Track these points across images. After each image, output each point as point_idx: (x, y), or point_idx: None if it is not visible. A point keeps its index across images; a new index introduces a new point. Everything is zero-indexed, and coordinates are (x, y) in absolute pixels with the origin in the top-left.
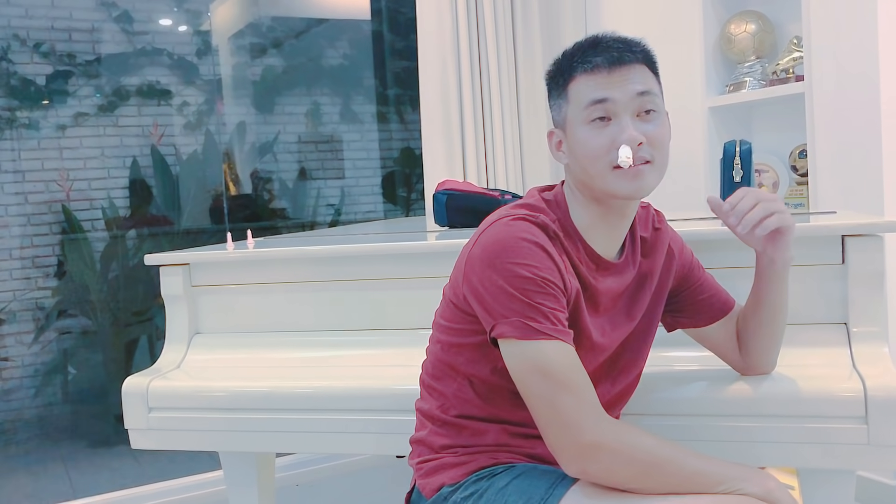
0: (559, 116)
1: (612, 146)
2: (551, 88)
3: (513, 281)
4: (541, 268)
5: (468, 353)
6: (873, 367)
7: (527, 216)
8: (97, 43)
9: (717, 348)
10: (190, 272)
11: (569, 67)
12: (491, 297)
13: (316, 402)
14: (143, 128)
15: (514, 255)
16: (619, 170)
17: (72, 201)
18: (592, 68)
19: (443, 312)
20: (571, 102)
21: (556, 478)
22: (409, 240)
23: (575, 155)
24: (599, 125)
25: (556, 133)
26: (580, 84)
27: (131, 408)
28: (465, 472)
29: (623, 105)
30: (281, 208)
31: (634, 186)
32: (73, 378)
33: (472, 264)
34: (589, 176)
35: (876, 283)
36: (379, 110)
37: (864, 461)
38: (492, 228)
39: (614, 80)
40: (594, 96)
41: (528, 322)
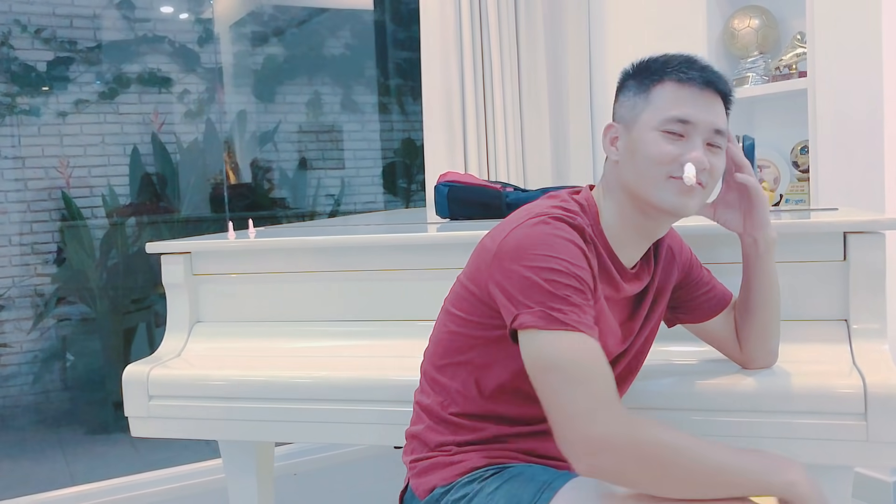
0: (629, 114)
1: (677, 159)
2: (629, 85)
3: (541, 272)
4: (573, 264)
5: (483, 346)
6: (873, 363)
7: (564, 216)
8: (98, 30)
9: (718, 342)
10: (191, 261)
11: (660, 70)
12: (516, 288)
13: (315, 392)
14: (144, 115)
15: (548, 249)
16: (673, 181)
17: (72, 188)
18: (686, 80)
19: (458, 303)
20: (652, 104)
21: (545, 482)
22: (409, 231)
23: (634, 155)
24: (671, 137)
25: (615, 128)
26: (668, 91)
27: (132, 396)
28: (457, 472)
29: (700, 131)
30: (281, 198)
31: (681, 202)
32: (71, 365)
33: (503, 256)
34: (641, 179)
35: (877, 280)
36: (380, 101)
37: (864, 458)
38: (529, 225)
39: (699, 102)
40: (679, 114)
41: (551, 312)
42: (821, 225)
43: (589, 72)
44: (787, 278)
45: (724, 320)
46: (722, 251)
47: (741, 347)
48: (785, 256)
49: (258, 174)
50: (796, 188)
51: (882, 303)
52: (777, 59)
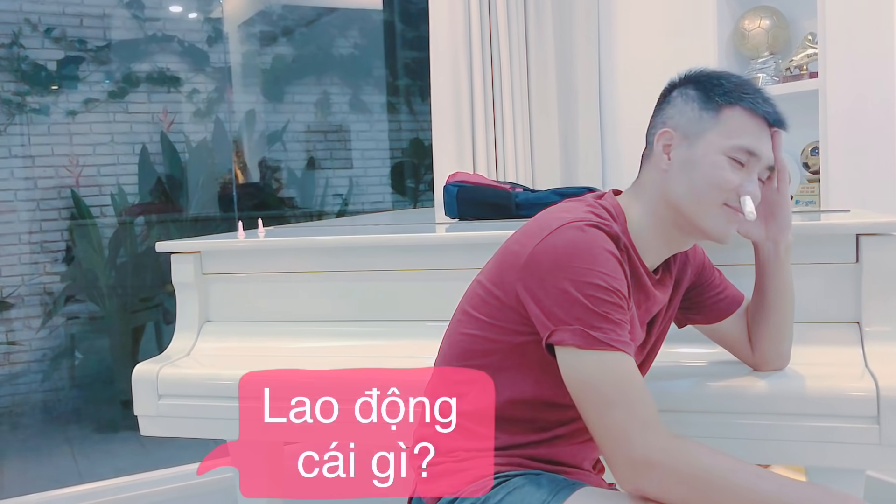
0: (691, 127)
1: (736, 189)
2: (691, 95)
3: (582, 287)
4: (613, 277)
5: (504, 351)
6: (886, 366)
7: (600, 224)
8: (108, 29)
9: (729, 344)
10: (201, 260)
11: (734, 92)
12: (553, 302)
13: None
14: (153, 114)
15: (589, 261)
16: (727, 209)
17: (81, 187)
18: (757, 112)
19: (478, 306)
20: (722, 125)
21: (550, 493)
22: (420, 231)
23: (692, 172)
24: (735, 165)
25: (672, 135)
26: (740, 117)
27: (141, 394)
28: (465, 480)
29: (760, 166)
30: (289, 197)
31: (727, 231)
32: (80, 363)
33: (538, 265)
34: (695, 199)
35: (890, 282)
36: (389, 100)
37: (876, 461)
38: (564, 231)
39: (764, 137)
40: (750, 146)
41: (590, 331)
42: (833, 227)
43: (598, 72)
44: (800, 280)
45: (736, 322)
46: (736, 252)
47: (753, 349)
48: (797, 258)
49: (266, 174)
50: (807, 190)
51: (894, 305)
52: (788, 59)
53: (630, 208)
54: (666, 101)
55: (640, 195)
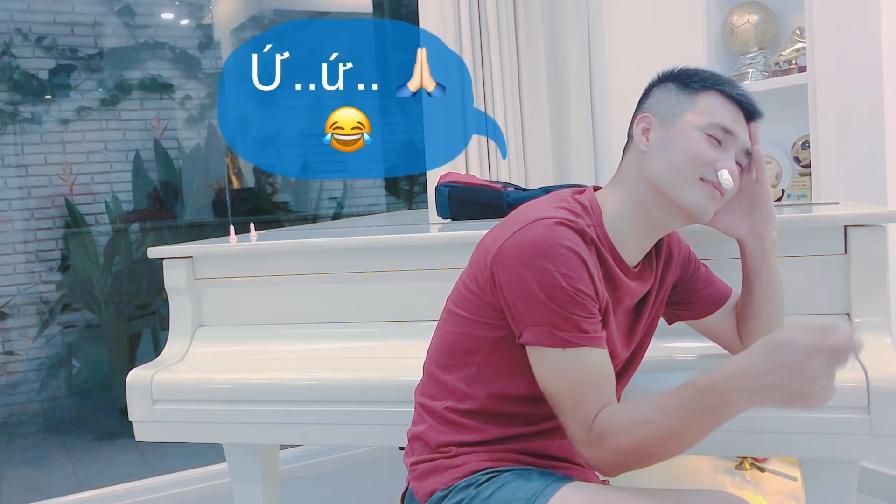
0: (668, 110)
1: (713, 164)
2: (669, 85)
3: (544, 288)
4: (575, 278)
5: (488, 347)
6: (876, 357)
7: (567, 221)
8: (99, 37)
9: (719, 338)
10: (193, 265)
11: (709, 80)
12: (522, 302)
13: (319, 394)
14: (146, 121)
15: (551, 261)
16: (703, 183)
17: (75, 195)
18: (732, 98)
19: (461, 303)
20: (698, 106)
21: (539, 488)
22: (411, 232)
23: (670, 149)
24: (712, 142)
25: (650, 119)
26: (716, 100)
27: (135, 400)
28: (456, 476)
29: (736, 146)
30: (283, 201)
31: (705, 206)
32: (77, 371)
33: (506, 261)
34: (672, 174)
35: (879, 273)
36: (383, 103)
37: (867, 451)
38: (530, 229)
39: (740, 121)
40: (725, 124)
41: (555, 331)
42: (821, 219)
43: (589, 70)
44: (789, 273)
45: (724, 316)
46: (722, 246)
47: (744, 343)
48: (786, 251)
49: (261, 179)
50: (798, 183)
51: (884, 296)
52: (776, 54)
53: (609, 201)
54: (645, 96)
55: (620, 184)
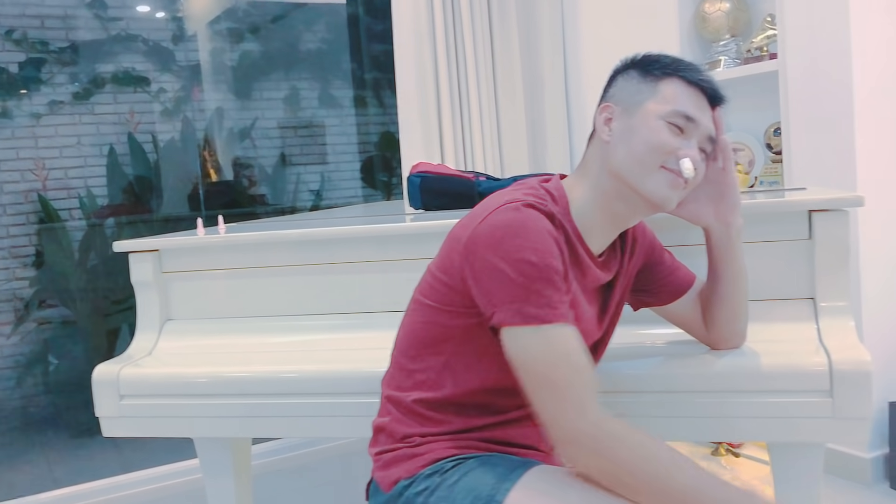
0: (630, 98)
1: (674, 152)
2: (632, 73)
3: (517, 265)
4: (546, 253)
5: (457, 336)
6: (839, 340)
7: (536, 204)
8: (70, 30)
9: (685, 324)
10: (160, 258)
11: (671, 66)
12: (493, 283)
13: (286, 387)
14: (120, 115)
15: (522, 240)
16: (665, 172)
17: (48, 190)
18: (694, 84)
19: (430, 294)
20: (660, 94)
21: (504, 473)
22: (380, 222)
23: (632, 138)
24: (674, 130)
25: (613, 109)
26: (678, 87)
27: (102, 396)
28: (420, 464)
29: (699, 134)
30: (260, 194)
31: (667, 195)
32: (54, 368)
33: (476, 246)
34: (634, 164)
35: (841, 257)
36: (358, 94)
37: (830, 434)
38: (500, 212)
39: (702, 106)
40: (687, 111)
41: (526, 308)
42: (786, 204)
43: (563, 59)
44: (755, 258)
45: (689, 302)
46: (687, 234)
47: (709, 329)
48: (751, 237)
49: (239, 171)
50: (770, 170)
51: (846, 280)
52: (748, 41)
53: (574, 190)
54: (608, 85)
55: (584, 174)
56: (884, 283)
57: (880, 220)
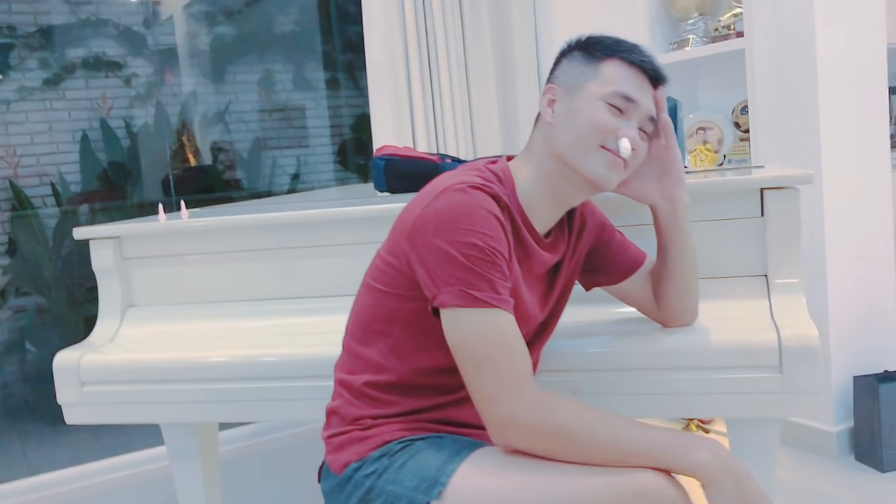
0: (573, 80)
1: (614, 132)
2: (575, 55)
3: (461, 248)
4: (491, 237)
5: (404, 319)
6: (789, 317)
7: (482, 186)
8: (38, 14)
9: (637, 303)
10: (121, 245)
11: (612, 48)
12: (438, 265)
13: (247, 371)
14: (92, 101)
15: (467, 222)
16: (604, 152)
17: (20, 178)
18: (635, 65)
19: (378, 277)
20: (601, 76)
21: (451, 454)
22: (341, 206)
23: (573, 119)
24: (613, 111)
25: (556, 90)
26: (619, 69)
27: (63, 383)
28: (370, 447)
29: (638, 114)
30: (235, 179)
31: (607, 174)
32: (32, 356)
33: (423, 228)
34: (575, 144)
35: (793, 234)
36: (333, 77)
37: (781, 409)
38: (446, 195)
39: (643, 87)
40: (627, 92)
41: (468, 290)
42: (738, 182)
43: (535, 39)
44: (709, 237)
45: (640, 281)
46: (639, 214)
47: (660, 307)
48: (705, 215)
49: (217, 156)
50: (738, 148)
51: (798, 257)
52: (716, 20)
53: (520, 171)
54: (554, 66)
55: (529, 156)
56: (848, 258)
57: (845, 196)
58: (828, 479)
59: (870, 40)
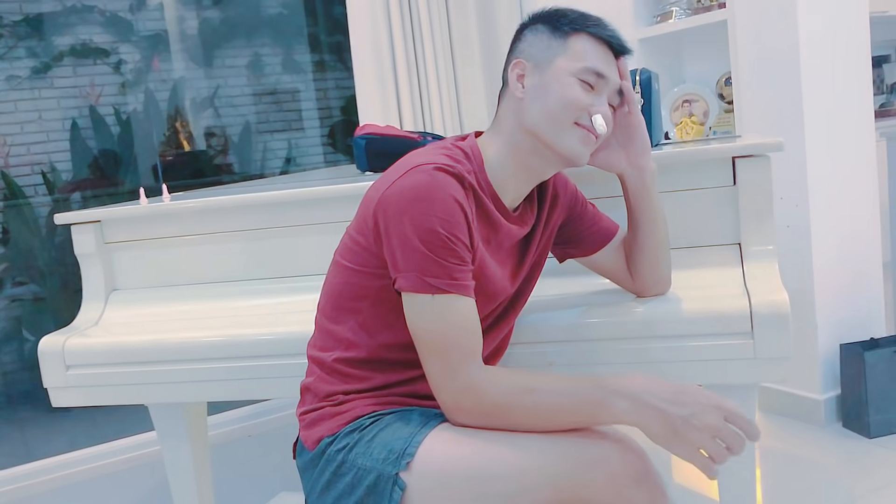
0: (541, 55)
1: (587, 109)
2: (540, 28)
3: (422, 234)
4: (452, 223)
5: (373, 296)
6: (762, 284)
7: (446, 167)
8: (24, 2)
9: (610, 274)
10: (102, 229)
11: (579, 21)
12: (397, 247)
13: (228, 351)
14: (80, 88)
15: (428, 206)
16: (578, 128)
17: (10, 167)
18: (602, 39)
19: (347, 255)
20: (570, 51)
21: (418, 425)
22: (318, 185)
23: (545, 96)
24: (585, 87)
25: (524, 65)
26: (587, 43)
27: (49, 367)
28: (342, 422)
29: (608, 88)
30: (227, 164)
31: (581, 151)
32: (31, 344)
33: (386, 209)
34: (548, 121)
35: (765, 202)
36: (321, 59)
37: (753, 375)
38: (411, 175)
39: (610, 61)
40: (597, 68)
41: (425, 277)
42: (709, 151)
43: (520, 15)
44: (682, 206)
45: (613, 252)
46: (610, 185)
47: (633, 277)
48: (678, 185)
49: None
50: (723, 120)
51: (771, 224)
52: None
53: (489, 147)
54: (517, 39)
55: (498, 131)
56: (833, 226)
57: (829, 165)
58: (816, 446)
59: (852, 10)
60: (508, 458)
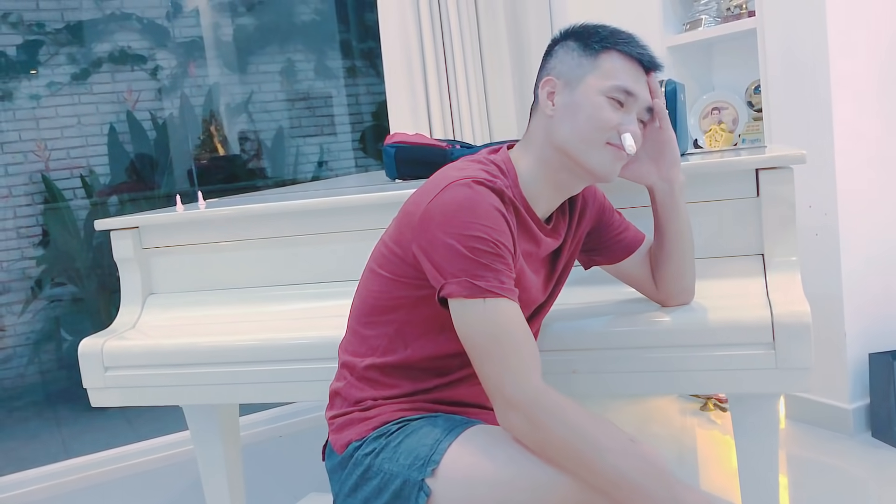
0: (572, 72)
1: (616, 127)
2: (571, 45)
3: (465, 241)
4: (495, 230)
5: (408, 306)
6: (784, 294)
7: (486, 181)
8: (65, 10)
9: (635, 282)
10: (140, 235)
11: (609, 39)
12: (441, 257)
13: (261, 354)
14: (118, 94)
15: (472, 216)
16: (610, 147)
17: (51, 171)
18: (632, 55)
19: (383, 264)
20: (600, 69)
21: (444, 432)
22: (353, 194)
23: (576, 114)
24: (615, 105)
25: (555, 83)
26: (617, 61)
27: (88, 368)
28: (370, 427)
29: (638, 106)
30: (260, 168)
31: (613, 169)
32: (68, 344)
33: (428, 223)
34: (579, 140)
35: (788, 213)
36: (354, 64)
37: (775, 385)
38: (451, 189)
39: (640, 79)
40: (627, 86)
41: (474, 281)
42: (734, 163)
43: (550, 23)
44: (706, 217)
45: (639, 261)
46: (637, 196)
47: (658, 286)
48: (703, 196)
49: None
50: (752, 128)
51: (794, 235)
52: None
53: (520, 161)
54: (548, 55)
55: (529, 146)
56: (862, 235)
57: (859, 174)
58: (844, 455)
59: (882, 18)
60: (535, 468)
